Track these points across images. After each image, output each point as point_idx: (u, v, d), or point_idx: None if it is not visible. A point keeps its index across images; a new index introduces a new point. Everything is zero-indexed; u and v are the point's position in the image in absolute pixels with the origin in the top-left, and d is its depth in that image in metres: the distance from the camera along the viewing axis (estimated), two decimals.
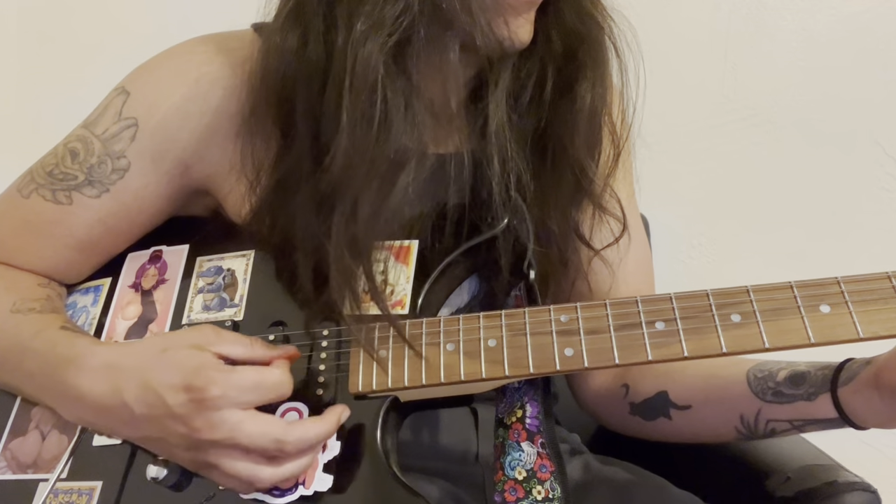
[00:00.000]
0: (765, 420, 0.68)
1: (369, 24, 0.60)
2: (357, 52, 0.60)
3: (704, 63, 1.25)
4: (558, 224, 0.74)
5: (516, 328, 0.63)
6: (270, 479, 0.59)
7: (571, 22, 0.69)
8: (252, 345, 0.63)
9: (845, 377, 0.63)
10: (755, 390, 0.68)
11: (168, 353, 0.59)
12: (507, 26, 0.65)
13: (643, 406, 0.77)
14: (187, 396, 0.56)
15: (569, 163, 0.72)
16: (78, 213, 0.72)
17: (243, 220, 0.71)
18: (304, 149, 0.65)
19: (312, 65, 0.63)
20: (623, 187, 0.81)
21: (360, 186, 0.61)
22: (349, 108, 0.60)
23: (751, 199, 1.27)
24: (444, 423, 0.79)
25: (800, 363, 0.67)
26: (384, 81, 0.60)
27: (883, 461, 1.26)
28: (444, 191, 0.70)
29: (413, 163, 0.63)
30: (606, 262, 0.77)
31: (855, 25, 1.21)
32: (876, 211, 1.23)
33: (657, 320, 0.60)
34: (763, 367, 0.69)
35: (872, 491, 0.73)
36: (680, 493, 0.75)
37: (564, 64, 0.70)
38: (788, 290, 0.59)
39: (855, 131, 1.22)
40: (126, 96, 0.71)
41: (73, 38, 1.33)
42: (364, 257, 0.63)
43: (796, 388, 0.66)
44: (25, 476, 0.68)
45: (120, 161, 0.71)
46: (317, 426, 0.60)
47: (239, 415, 0.57)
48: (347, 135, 0.61)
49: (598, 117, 0.72)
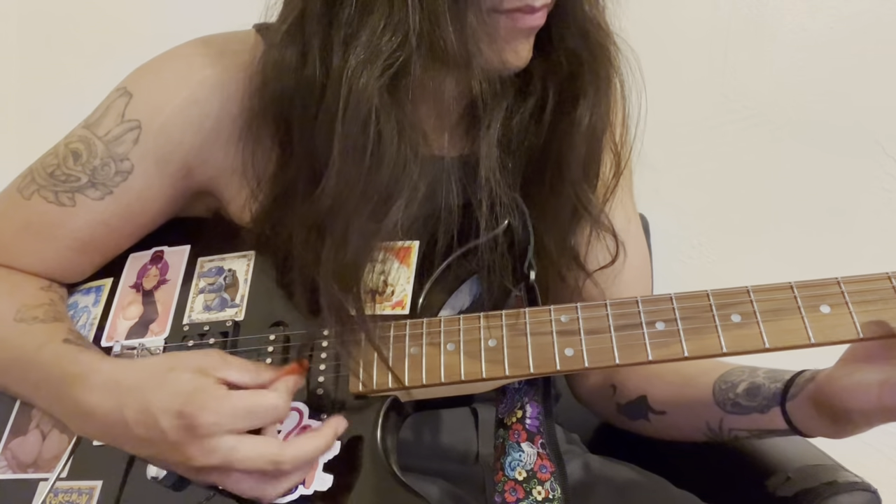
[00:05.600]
0: (727, 428, 0.70)
1: (365, 55, 0.59)
2: (351, 84, 0.59)
3: (704, 63, 1.25)
4: (556, 244, 0.74)
5: (517, 328, 0.63)
6: (275, 494, 0.59)
7: (573, 43, 0.68)
8: (258, 370, 0.62)
9: (793, 391, 0.65)
10: (718, 401, 0.70)
11: (171, 374, 0.59)
12: (506, 53, 0.64)
13: (627, 407, 0.79)
14: (179, 422, 0.56)
15: (568, 183, 0.72)
16: (80, 214, 0.72)
17: (245, 223, 0.71)
18: (299, 169, 0.65)
19: (309, 85, 0.63)
20: (624, 204, 0.80)
21: (351, 217, 0.61)
22: (341, 138, 0.60)
23: (751, 200, 1.27)
24: (445, 423, 0.79)
25: (760, 375, 0.69)
26: (378, 113, 0.60)
27: (883, 461, 1.26)
28: (444, 193, 0.70)
29: (405, 193, 0.62)
30: (597, 284, 0.77)
31: (855, 25, 1.21)
32: (876, 211, 1.23)
33: (657, 320, 0.60)
34: (728, 377, 0.70)
35: (872, 491, 0.73)
36: (680, 493, 0.75)
37: (565, 85, 0.69)
38: (788, 291, 0.59)
39: (855, 131, 1.22)
40: (128, 98, 0.71)
41: (74, 38, 1.33)
42: (353, 287, 0.62)
43: (752, 401, 0.67)
44: (26, 475, 0.68)
45: (123, 163, 0.70)
46: (313, 441, 0.60)
47: (232, 441, 0.57)
48: (338, 165, 0.60)
49: (598, 138, 0.72)
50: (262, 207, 0.69)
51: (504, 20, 0.62)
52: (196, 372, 0.59)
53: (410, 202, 0.63)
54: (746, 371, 0.70)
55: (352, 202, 0.61)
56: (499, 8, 0.61)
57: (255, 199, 0.70)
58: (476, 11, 0.60)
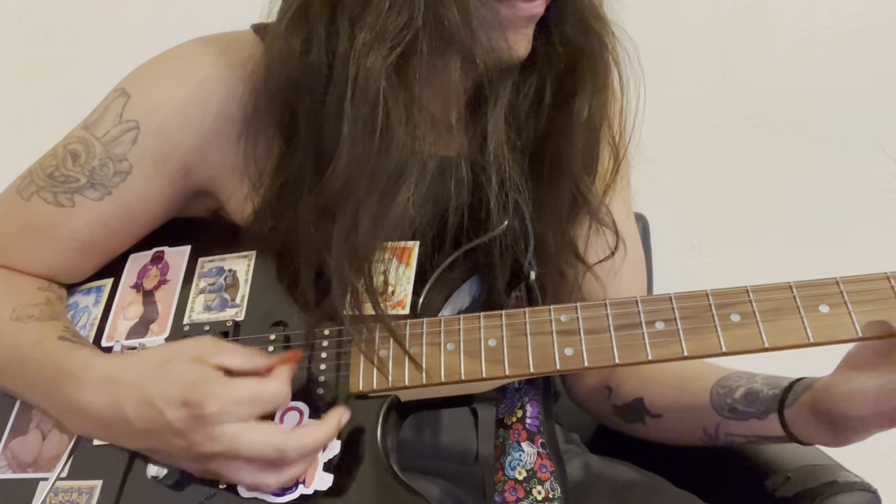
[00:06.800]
0: (724, 433, 0.70)
1: (372, 35, 0.60)
2: (359, 64, 0.60)
3: (704, 63, 1.25)
4: (555, 237, 0.74)
5: (517, 328, 0.63)
6: (276, 484, 0.59)
7: (572, 35, 0.68)
8: (251, 355, 0.63)
9: (791, 398, 0.65)
10: (715, 406, 0.70)
11: (168, 365, 0.59)
12: (506, 41, 0.65)
13: (623, 409, 0.79)
14: (186, 411, 0.56)
15: (566, 175, 0.72)
16: (80, 215, 0.72)
17: (245, 222, 0.71)
18: (306, 156, 0.65)
19: (315, 71, 0.63)
20: (622, 198, 0.81)
21: (361, 198, 0.61)
22: (350, 119, 0.60)
23: (750, 200, 1.27)
24: (444, 423, 0.79)
25: (758, 381, 0.69)
26: (386, 93, 0.60)
27: (883, 461, 1.26)
28: (445, 193, 0.70)
29: (414, 174, 0.63)
30: (598, 277, 0.77)
31: (854, 25, 1.21)
32: (876, 211, 1.23)
33: (657, 320, 0.60)
34: (726, 382, 0.70)
35: (872, 491, 0.73)
36: (679, 492, 0.75)
37: (564, 76, 0.70)
38: (788, 291, 0.59)
39: (855, 131, 1.22)
40: (126, 98, 0.71)
41: (73, 38, 1.33)
42: (365, 268, 0.63)
43: (749, 406, 0.67)
44: (26, 475, 0.68)
45: (122, 164, 0.71)
46: (316, 431, 0.60)
47: (237, 427, 0.57)
48: (348, 146, 0.61)
49: (596, 129, 0.72)
50: (265, 200, 0.69)
51: (504, 8, 0.63)
52: (193, 361, 0.59)
53: (419, 183, 0.63)
54: (745, 376, 0.70)
55: (362, 183, 0.61)
56: None
57: (256, 192, 0.70)
58: None
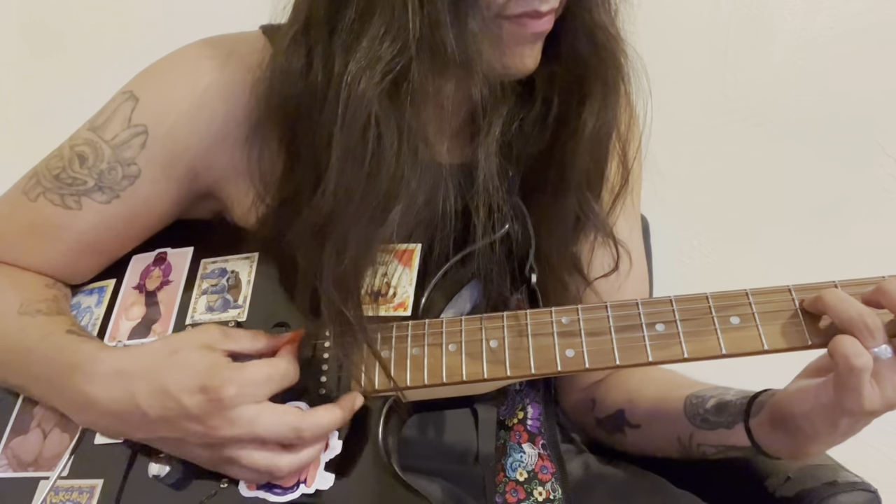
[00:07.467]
0: (696, 443, 0.71)
1: (365, 61, 0.59)
2: (350, 90, 0.59)
3: (704, 63, 1.25)
4: (556, 250, 0.74)
5: (518, 329, 0.63)
6: (289, 466, 0.60)
7: (580, 48, 0.67)
8: (255, 338, 0.65)
9: (756, 409, 0.65)
10: (688, 415, 0.70)
11: (179, 355, 0.60)
12: (514, 57, 0.64)
13: (605, 420, 0.80)
14: (204, 397, 0.58)
15: (570, 190, 0.71)
16: (86, 217, 0.72)
17: (249, 226, 0.72)
18: (304, 174, 0.65)
19: (312, 92, 0.63)
20: (627, 212, 0.80)
21: (350, 222, 0.61)
22: (340, 143, 0.60)
23: (750, 200, 1.27)
24: (445, 423, 0.80)
25: (731, 393, 0.69)
26: (377, 119, 0.60)
27: (883, 461, 1.26)
28: (446, 196, 0.70)
29: (404, 198, 0.62)
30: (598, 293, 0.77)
31: (855, 25, 1.21)
32: (876, 211, 1.23)
33: (657, 322, 0.61)
34: (700, 393, 0.71)
35: (872, 491, 0.73)
36: (679, 493, 0.75)
37: (570, 91, 0.69)
38: (787, 294, 0.59)
39: (855, 131, 1.22)
40: (135, 102, 0.71)
41: (76, 38, 1.33)
42: (353, 293, 0.63)
43: (719, 416, 0.68)
44: (26, 474, 0.68)
45: (130, 168, 0.71)
46: (331, 412, 0.61)
47: (255, 408, 0.59)
48: (337, 171, 0.60)
49: (603, 146, 0.71)
50: (269, 210, 0.69)
51: (510, 25, 0.62)
52: (203, 348, 0.61)
53: (409, 208, 0.63)
54: (719, 389, 0.71)
55: (351, 208, 0.61)
56: (504, 13, 0.61)
57: (261, 201, 0.70)
58: (479, 17, 0.59)
